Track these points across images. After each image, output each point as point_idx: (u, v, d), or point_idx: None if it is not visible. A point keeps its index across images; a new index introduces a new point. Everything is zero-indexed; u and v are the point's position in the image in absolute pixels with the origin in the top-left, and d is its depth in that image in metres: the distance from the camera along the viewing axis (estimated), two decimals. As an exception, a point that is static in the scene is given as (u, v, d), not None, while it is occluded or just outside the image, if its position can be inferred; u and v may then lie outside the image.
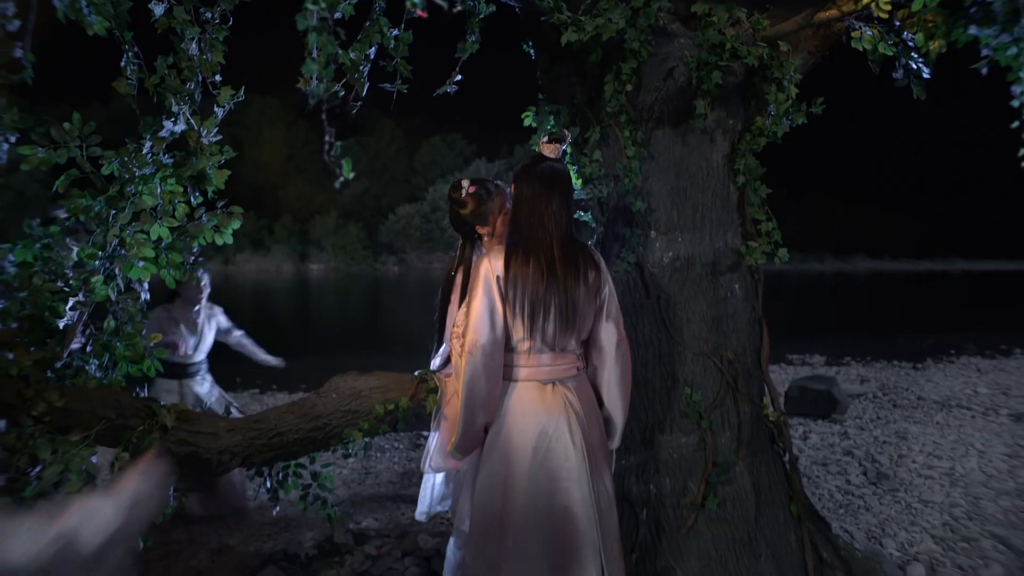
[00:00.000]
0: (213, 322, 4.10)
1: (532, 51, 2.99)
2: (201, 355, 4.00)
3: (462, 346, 2.17)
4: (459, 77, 2.63)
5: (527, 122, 3.05)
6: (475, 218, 2.47)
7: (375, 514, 4.20)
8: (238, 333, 4.30)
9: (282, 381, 8.76)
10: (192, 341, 3.94)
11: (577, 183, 2.85)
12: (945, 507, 4.24)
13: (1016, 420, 6.61)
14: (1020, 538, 3.75)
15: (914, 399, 7.83)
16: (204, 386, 3.99)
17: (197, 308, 3.97)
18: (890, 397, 7.98)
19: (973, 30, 2.28)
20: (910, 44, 2.50)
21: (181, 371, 3.85)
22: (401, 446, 5.86)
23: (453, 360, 2.46)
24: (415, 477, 4.96)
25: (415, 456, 5.56)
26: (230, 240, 2.38)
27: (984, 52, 2.26)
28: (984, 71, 2.28)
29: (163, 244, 2.28)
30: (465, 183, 2.47)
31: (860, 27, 2.53)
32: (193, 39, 2.18)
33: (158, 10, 2.15)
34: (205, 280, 3.96)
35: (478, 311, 2.13)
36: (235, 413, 3.03)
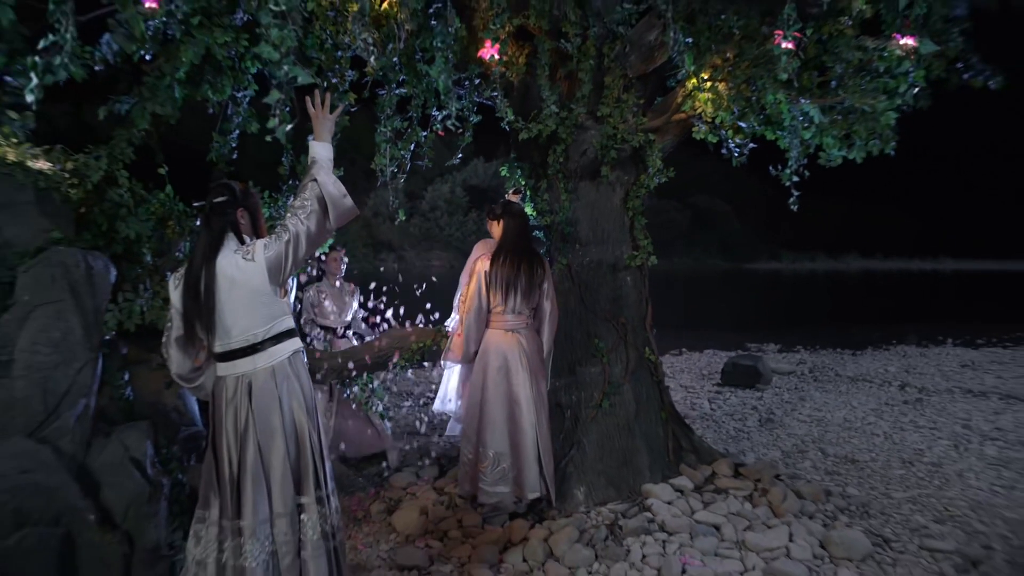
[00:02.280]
0: (353, 298, 5.42)
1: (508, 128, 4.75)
2: (345, 319, 5.37)
3: (466, 309, 3.94)
4: (460, 155, 4.40)
5: (503, 173, 4.80)
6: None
7: (399, 441, 5.98)
8: (361, 313, 5.64)
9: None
10: (335, 309, 5.37)
11: (533, 215, 4.61)
12: (800, 437, 6.01)
13: (900, 389, 8.37)
14: (834, 449, 5.53)
15: (832, 375, 9.55)
16: (346, 344, 5.34)
17: (338, 280, 5.34)
18: (814, 374, 9.69)
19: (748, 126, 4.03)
20: (724, 136, 4.25)
21: (331, 332, 5.38)
22: (413, 405, 7.64)
23: (459, 321, 4.20)
24: (422, 422, 6.76)
25: (421, 411, 7.34)
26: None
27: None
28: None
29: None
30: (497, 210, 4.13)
31: (697, 124, 4.27)
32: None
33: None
34: (343, 256, 5.41)
35: (473, 291, 3.90)
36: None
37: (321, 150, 2.66)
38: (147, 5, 2.69)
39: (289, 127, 3.07)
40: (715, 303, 28.10)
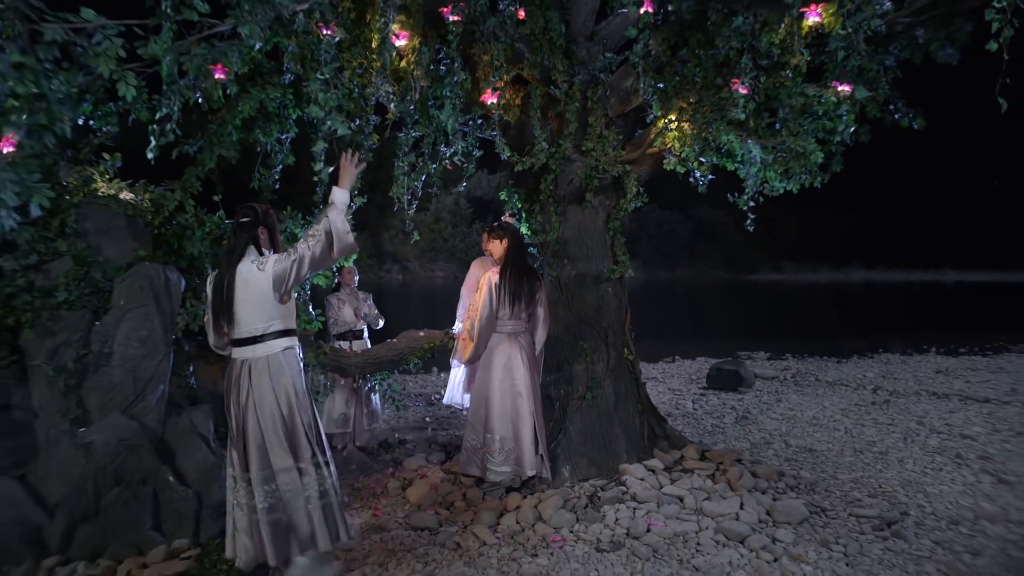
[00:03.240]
0: (366, 303, 6.15)
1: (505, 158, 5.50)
2: (361, 325, 6.07)
3: (477, 316, 4.66)
4: (465, 184, 5.15)
5: (502, 197, 5.55)
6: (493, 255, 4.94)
7: (409, 434, 6.71)
8: (375, 314, 6.34)
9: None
10: (352, 315, 6.09)
11: (528, 234, 5.35)
12: (769, 431, 6.72)
13: (873, 392, 9.06)
14: (796, 441, 6.24)
15: (812, 380, 10.23)
16: (362, 346, 6.09)
17: (353, 288, 6.08)
18: (796, 379, 10.36)
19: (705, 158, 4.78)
20: (690, 166, 4.99)
21: (349, 335, 6.13)
22: (422, 401, 8.37)
23: (465, 326, 4.92)
24: (430, 415, 7.48)
25: (429, 411, 8.06)
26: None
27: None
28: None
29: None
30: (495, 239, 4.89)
31: (668, 156, 5.01)
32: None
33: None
34: (354, 269, 6.17)
35: (484, 299, 4.63)
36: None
37: (340, 195, 3.32)
38: (217, 76, 3.45)
39: (331, 169, 3.82)
40: (713, 313, 28.79)
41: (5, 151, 2.87)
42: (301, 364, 3.39)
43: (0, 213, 2.93)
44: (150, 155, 3.41)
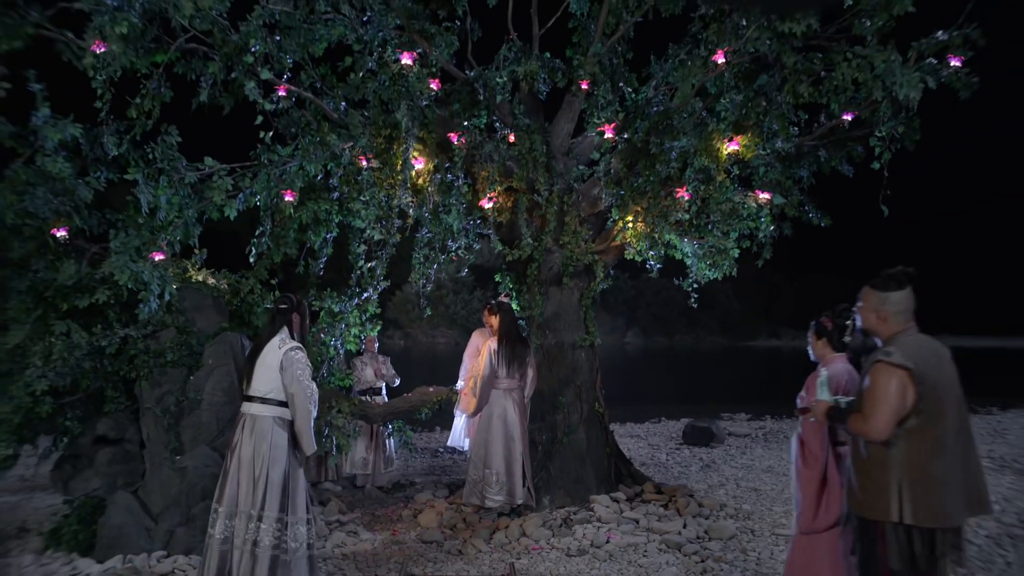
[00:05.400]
0: (385, 364, 7.54)
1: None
2: (380, 384, 7.42)
3: (479, 376, 5.88)
4: (466, 270, 6.48)
5: (497, 279, 6.87)
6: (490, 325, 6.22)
7: (418, 477, 7.84)
8: (392, 373, 7.71)
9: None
10: (372, 375, 7.48)
11: (518, 309, 6.64)
12: (726, 476, 7.84)
13: (830, 446, 10.14)
14: (746, 483, 7.36)
15: (782, 438, 11.30)
16: (380, 400, 7.45)
17: (374, 352, 7.49)
18: (766, 436, 11.46)
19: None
20: (646, 256, 6.31)
21: (369, 392, 7.40)
22: (427, 453, 9.51)
23: (468, 384, 6.13)
24: (434, 464, 8.61)
25: (435, 461, 9.20)
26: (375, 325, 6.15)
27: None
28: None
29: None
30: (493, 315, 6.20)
31: (628, 248, 6.33)
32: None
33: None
34: (375, 338, 7.54)
35: (486, 363, 5.87)
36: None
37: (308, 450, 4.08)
38: (287, 198, 4.81)
39: (370, 264, 5.15)
40: (706, 378, 29.82)
41: (158, 259, 4.20)
42: (286, 431, 4.00)
43: (150, 300, 4.26)
44: (251, 260, 4.75)
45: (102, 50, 3.92)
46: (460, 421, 6.36)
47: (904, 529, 2.74)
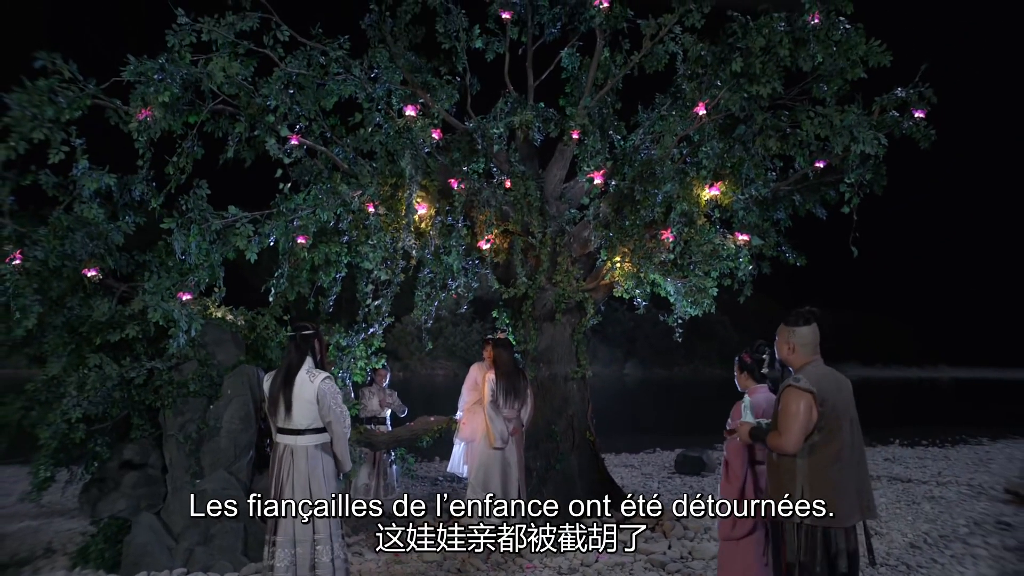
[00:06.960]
0: (393, 396, 8.02)
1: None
2: (385, 413, 7.83)
3: (484, 405, 6.28)
4: (466, 306, 6.92)
5: (494, 315, 7.31)
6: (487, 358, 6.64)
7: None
8: (398, 404, 8.18)
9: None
10: (379, 405, 7.87)
11: (515, 343, 7.06)
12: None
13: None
14: (731, 509, 7.70)
15: (771, 467, 11.69)
16: (384, 430, 7.87)
17: (383, 386, 7.94)
18: (757, 466, 11.81)
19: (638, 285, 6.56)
20: (633, 294, 6.75)
21: (373, 421, 7.78)
22: (427, 481, 9.86)
23: (465, 415, 6.53)
24: (434, 491, 8.96)
25: (434, 489, 9.54)
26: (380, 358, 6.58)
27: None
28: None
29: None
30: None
31: (617, 286, 6.78)
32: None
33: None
34: (386, 371, 7.95)
35: (487, 394, 6.28)
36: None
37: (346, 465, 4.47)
38: (300, 241, 5.28)
39: (376, 302, 5.61)
40: (701, 408, 30.02)
41: (185, 299, 4.66)
42: (329, 454, 4.30)
43: (179, 336, 4.71)
44: (270, 299, 5.21)
45: (146, 115, 4.42)
46: (459, 449, 6.75)
47: (807, 529, 3.23)
